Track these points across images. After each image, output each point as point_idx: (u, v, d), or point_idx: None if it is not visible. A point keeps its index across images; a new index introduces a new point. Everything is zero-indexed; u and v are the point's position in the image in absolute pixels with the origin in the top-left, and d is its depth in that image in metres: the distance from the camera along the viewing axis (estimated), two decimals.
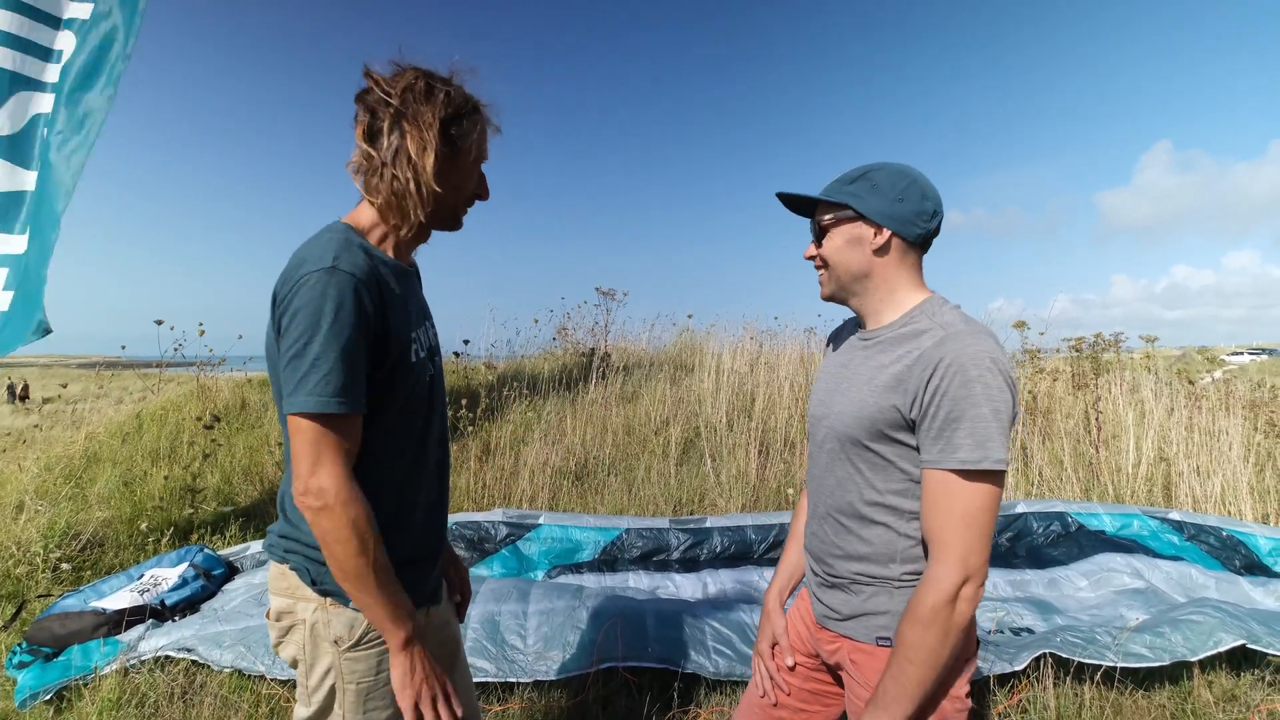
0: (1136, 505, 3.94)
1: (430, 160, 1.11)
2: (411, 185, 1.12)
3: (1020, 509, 3.73)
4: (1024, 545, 3.64)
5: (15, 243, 3.09)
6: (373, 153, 1.12)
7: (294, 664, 1.16)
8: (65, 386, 6.19)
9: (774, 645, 1.38)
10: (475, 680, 2.20)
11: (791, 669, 1.35)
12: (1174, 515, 3.65)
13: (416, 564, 1.23)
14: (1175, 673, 2.48)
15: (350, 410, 1.02)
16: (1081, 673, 2.35)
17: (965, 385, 0.99)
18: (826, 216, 1.16)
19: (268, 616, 1.17)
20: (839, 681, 1.28)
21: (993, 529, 1.00)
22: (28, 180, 3.12)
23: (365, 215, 1.17)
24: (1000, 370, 1.00)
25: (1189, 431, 4.82)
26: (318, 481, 1.00)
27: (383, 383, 1.11)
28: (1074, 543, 3.55)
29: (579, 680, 2.27)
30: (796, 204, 1.25)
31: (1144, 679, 2.45)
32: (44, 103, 3.15)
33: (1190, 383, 6.61)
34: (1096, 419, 4.99)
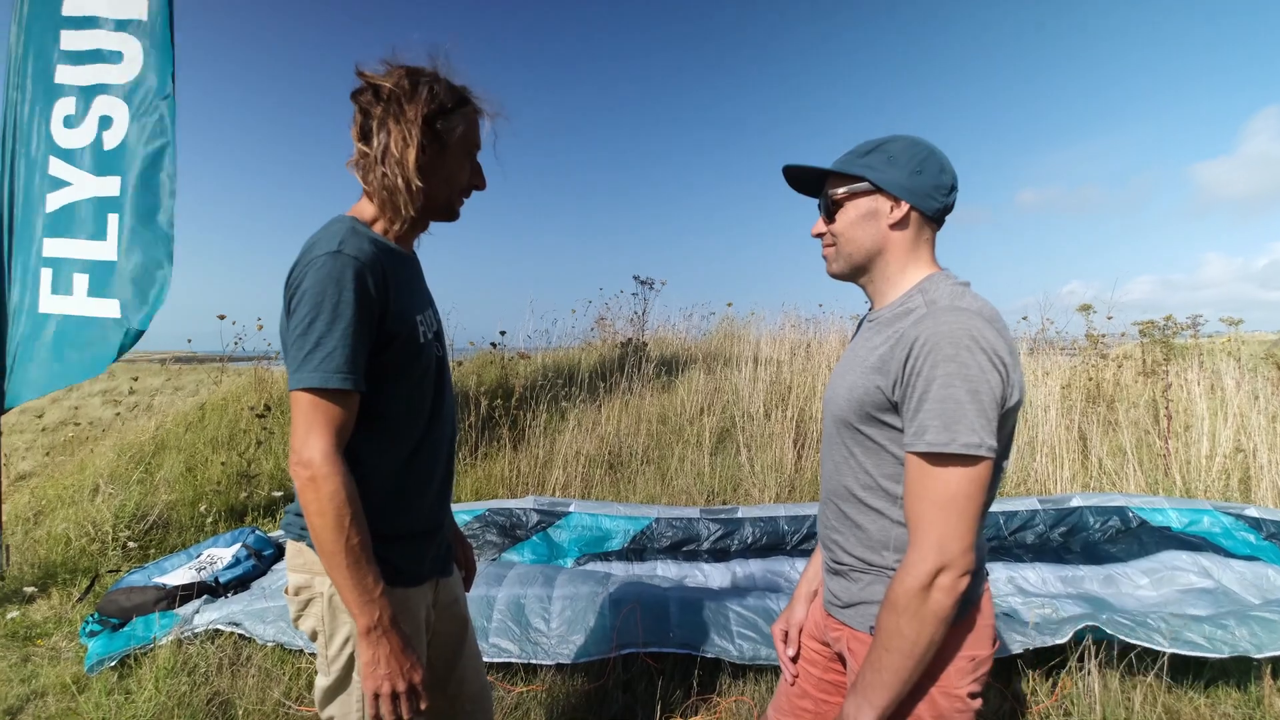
0: (1208, 500, 3.67)
1: (412, 156, 1.14)
2: (399, 181, 1.15)
3: (1075, 502, 3.53)
4: (1079, 541, 3.45)
5: (98, 249, 3.28)
6: (366, 150, 1.17)
7: (313, 636, 1.20)
8: (136, 380, 6.63)
9: (786, 633, 1.36)
10: (499, 660, 2.25)
11: (793, 659, 1.33)
12: (1251, 511, 3.38)
13: (426, 536, 1.28)
14: (1242, 679, 2.31)
15: (348, 386, 1.06)
16: (1131, 670, 2.21)
17: (937, 364, 0.94)
18: (840, 190, 1.11)
19: (286, 592, 1.22)
20: None
21: (976, 516, 0.94)
22: (102, 187, 3.30)
23: (368, 208, 1.22)
24: (983, 348, 0.94)
25: (1272, 421, 4.45)
26: (308, 453, 1.04)
27: (393, 362, 1.15)
28: (1135, 539, 3.34)
29: (600, 664, 2.28)
30: (803, 182, 1.21)
31: (1206, 685, 2.29)
32: (112, 106, 3.32)
33: (1279, 368, 6.10)
34: (1166, 408, 4.66)
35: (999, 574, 3.03)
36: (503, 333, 5.51)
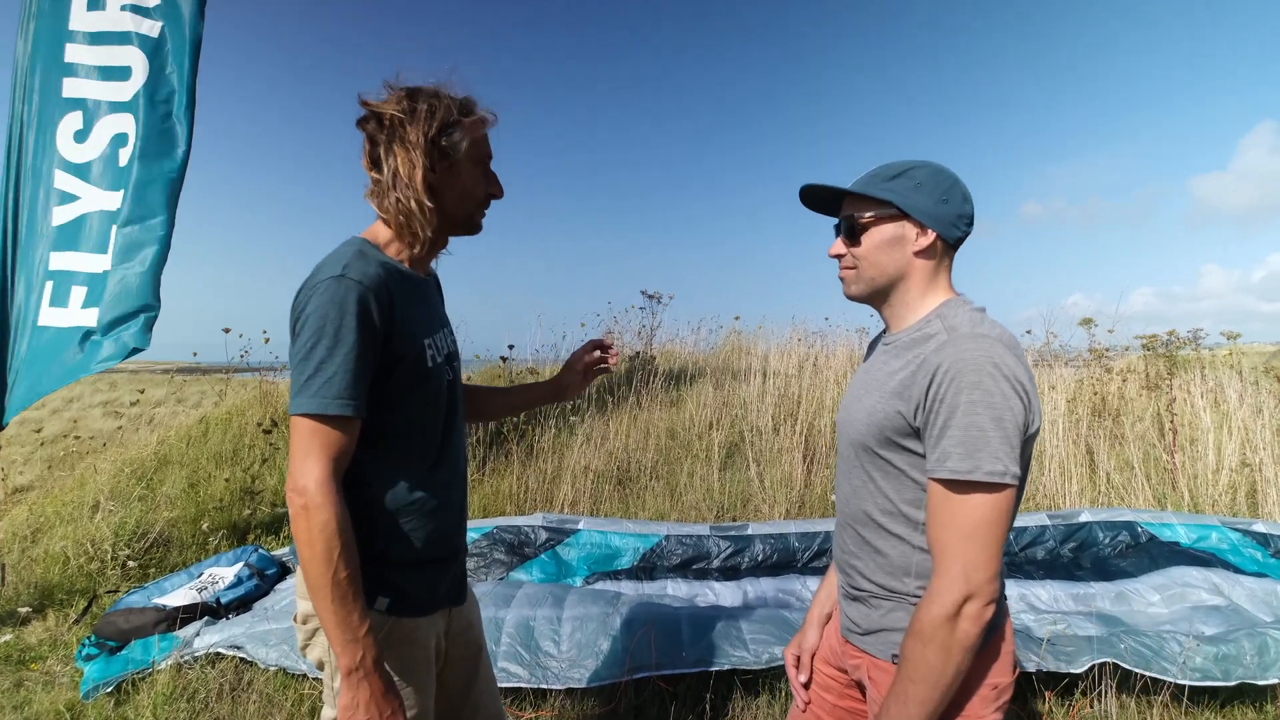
0: (1216, 515, 3.65)
1: (420, 177, 1.15)
2: (412, 204, 1.15)
3: (1084, 518, 3.52)
4: (1089, 556, 3.43)
5: (98, 262, 3.28)
6: (379, 177, 1.18)
7: (320, 665, 1.18)
8: (143, 392, 6.59)
9: (799, 659, 1.34)
10: (509, 685, 2.21)
11: (805, 686, 1.31)
12: (1259, 527, 3.37)
13: (441, 563, 1.25)
14: (1259, 699, 2.28)
15: (348, 412, 1.05)
16: (1147, 692, 2.19)
17: (960, 392, 0.94)
18: (867, 213, 1.11)
19: (295, 620, 1.20)
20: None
21: (1000, 542, 0.94)
22: (110, 201, 3.29)
23: (382, 231, 1.22)
24: (1006, 375, 0.94)
25: (1278, 434, 4.45)
26: (303, 480, 1.02)
27: (400, 385, 1.14)
28: (1145, 554, 3.32)
29: (611, 689, 2.25)
30: (819, 201, 1.20)
31: (1222, 705, 2.26)
32: (124, 122, 3.31)
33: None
34: (1171, 422, 4.65)
35: (1011, 591, 3.00)
36: (511, 346, 5.50)
